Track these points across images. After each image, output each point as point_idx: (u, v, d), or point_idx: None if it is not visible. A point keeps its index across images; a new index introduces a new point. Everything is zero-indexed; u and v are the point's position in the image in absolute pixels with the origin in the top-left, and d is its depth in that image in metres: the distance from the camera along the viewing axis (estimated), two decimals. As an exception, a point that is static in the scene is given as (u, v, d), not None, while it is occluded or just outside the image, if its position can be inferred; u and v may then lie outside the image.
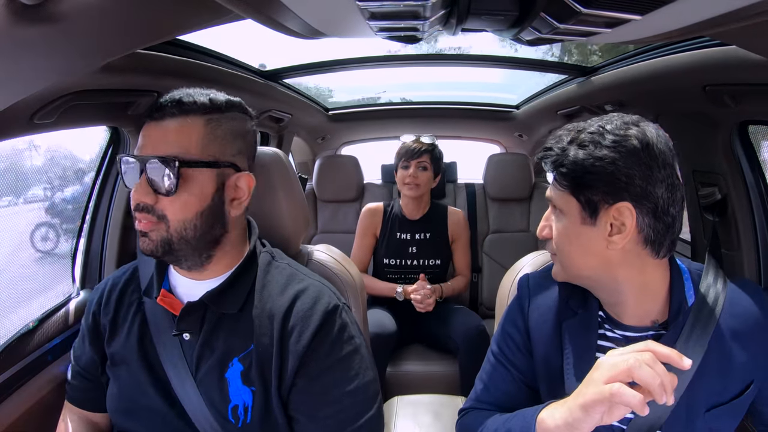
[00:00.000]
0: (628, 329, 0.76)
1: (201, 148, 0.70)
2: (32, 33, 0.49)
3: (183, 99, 0.71)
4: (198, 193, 0.70)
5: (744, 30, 0.54)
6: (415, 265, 1.88)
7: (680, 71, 1.03)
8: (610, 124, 0.69)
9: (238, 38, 1.23)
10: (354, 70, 1.88)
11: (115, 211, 1.23)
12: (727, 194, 1.14)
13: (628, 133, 0.67)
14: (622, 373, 0.58)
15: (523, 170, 2.37)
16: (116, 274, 0.86)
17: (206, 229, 0.71)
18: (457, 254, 1.96)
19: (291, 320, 0.72)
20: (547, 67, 1.76)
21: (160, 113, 0.70)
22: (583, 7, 0.45)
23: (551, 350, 0.80)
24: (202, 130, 0.71)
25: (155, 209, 0.69)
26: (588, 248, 0.71)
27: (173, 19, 0.62)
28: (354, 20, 0.57)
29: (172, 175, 0.67)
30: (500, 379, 0.85)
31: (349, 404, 0.71)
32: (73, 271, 1.24)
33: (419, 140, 1.88)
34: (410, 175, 1.83)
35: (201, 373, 0.73)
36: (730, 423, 0.73)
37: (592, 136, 0.68)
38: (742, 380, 0.71)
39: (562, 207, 0.72)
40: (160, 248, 0.70)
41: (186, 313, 0.73)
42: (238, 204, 0.75)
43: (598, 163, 0.66)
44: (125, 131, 1.20)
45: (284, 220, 0.97)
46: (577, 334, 0.78)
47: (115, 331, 0.79)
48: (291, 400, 0.72)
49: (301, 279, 0.78)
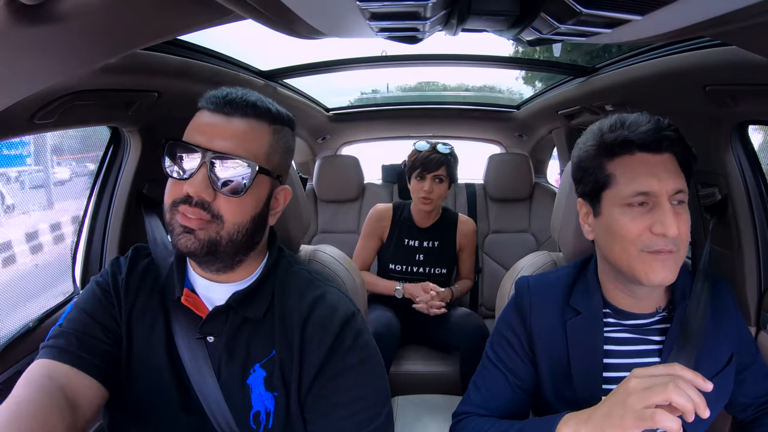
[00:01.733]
0: (635, 317, 0.80)
1: (267, 156, 0.70)
2: (32, 33, 0.49)
3: (257, 102, 0.69)
4: (256, 199, 0.70)
5: (744, 30, 0.54)
6: (421, 272, 1.85)
7: (680, 71, 1.03)
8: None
9: (239, 39, 1.22)
10: (354, 70, 1.88)
11: (115, 210, 1.23)
12: (727, 194, 1.14)
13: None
14: (660, 398, 0.59)
15: (523, 170, 2.37)
16: (136, 252, 0.80)
17: (252, 235, 0.71)
18: (463, 260, 1.94)
19: (310, 328, 0.72)
20: (547, 67, 1.76)
21: (230, 108, 0.68)
22: (583, 7, 0.45)
23: (556, 352, 0.80)
24: (270, 139, 0.71)
25: (211, 207, 0.66)
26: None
27: (173, 19, 0.62)
28: (354, 20, 0.57)
29: (248, 178, 0.66)
30: (495, 384, 0.84)
31: (361, 408, 0.71)
32: (73, 270, 1.24)
33: (435, 149, 1.78)
34: (425, 190, 1.76)
35: (223, 377, 0.72)
36: (725, 394, 0.80)
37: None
38: (727, 350, 0.80)
39: (686, 196, 0.73)
40: (204, 248, 0.67)
41: (212, 316, 0.72)
42: (275, 214, 0.76)
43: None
44: (125, 131, 1.20)
45: (285, 221, 0.97)
46: (582, 333, 0.79)
47: (135, 321, 0.74)
48: (306, 402, 0.72)
49: (318, 285, 0.78)
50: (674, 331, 0.77)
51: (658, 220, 0.69)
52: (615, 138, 0.73)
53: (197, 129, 0.68)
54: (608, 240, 0.76)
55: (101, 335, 0.72)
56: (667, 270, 0.71)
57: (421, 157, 1.77)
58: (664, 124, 0.73)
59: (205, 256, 0.68)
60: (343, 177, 2.41)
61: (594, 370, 0.78)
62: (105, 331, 0.72)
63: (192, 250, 0.67)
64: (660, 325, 0.80)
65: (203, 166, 0.65)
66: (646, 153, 0.72)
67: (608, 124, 0.75)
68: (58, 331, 0.71)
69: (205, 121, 0.68)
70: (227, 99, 0.68)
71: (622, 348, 0.80)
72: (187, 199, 0.66)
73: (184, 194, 0.65)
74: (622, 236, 0.72)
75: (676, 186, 0.71)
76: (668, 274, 0.71)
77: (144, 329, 0.74)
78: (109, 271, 0.77)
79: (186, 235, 0.66)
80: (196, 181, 0.65)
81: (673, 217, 0.69)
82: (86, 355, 0.69)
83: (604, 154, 0.74)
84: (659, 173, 0.70)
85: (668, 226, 0.68)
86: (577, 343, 0.79)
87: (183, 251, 0.68)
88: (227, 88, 0.70)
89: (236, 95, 0.69)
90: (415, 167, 1.78)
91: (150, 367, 0.73)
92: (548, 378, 0.81)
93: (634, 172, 0.71)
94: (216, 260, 0.70)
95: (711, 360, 0.78)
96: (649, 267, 0.71)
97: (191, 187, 0.64)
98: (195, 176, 0.65)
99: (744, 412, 0.87)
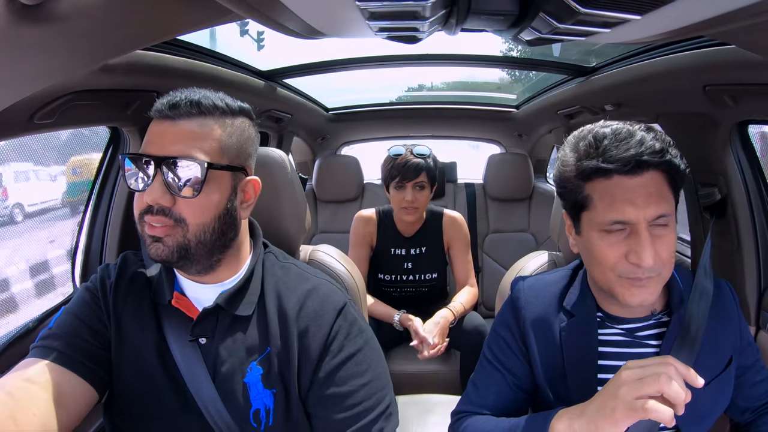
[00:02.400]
0: (628, 322, 0.79)
1: (220, 151, 0.70)
2: (32, 33, 0.49)
3: (201, 100, 0.69)
4: (217, 196, 0.69)
5: (744, 30, 0.54)
6: (411, 280, 1.80)
7: (680, 71, 1.03)
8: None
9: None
10: (354, 70, 1.88)
11: (115, 210, 1.23)
12: (727, 194, 1.14)
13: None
14: (652, 389, 0.59)
15: (523, 170, 2.37)
16: (126, 259, 0.80)
17: (222, 232, 0.71)
18: (456, 263, 1.79)
19: (304, 320, 0.73)
20: (547, 67, 1.76)
21: (175, 112, 0.68)
22: (583, 7, 0.45)
23: (551, 353, 0.81)
24: (220, 133, 0.70)
25: (172, 212, 0.66)
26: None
27: (173, 19, 0.62)
28: (354, 20, 0.57)
29: (200, 177, 0.66)
30: (494, 383, 0.85)
31: (364, 396, 0.72)
32: (73, 270, 1.24)
33: (412, 152, 1.65)
34: (407, 200, 1.63)
35: (219, 377, 0.72)
36: (724, 397, 0.79)
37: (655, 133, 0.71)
38: (726, 353, 0.79)
39: (671, 217, 0.70)
40: (175, 254, 0.67)
41: (201, 317, 0.73)
42: (246, 207, 0.75)
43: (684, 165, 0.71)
44: (125, 131, 1.20)
45: (285, 221, 0.97)
46: (576, 335, 0.79)
47: (126, 326, 0.74)
48: (309, 396, 0.73)
49: (308, 278, 0.79)
50: (672, 334, 0.77)
51: (633, 249, 0.67)
52: (589, 167, 0.70)
53: (148, 140, 0.69)
54: (588, 261, 0.75)
55: (89, 337, 0.72)
56: (646, 293, 0.70)
57: (398, 165, 1.63)
58: (647, 143, 0.67)
59: (178, 261, 0.69)
60: (342, 177, 2.41)
61: (588, 371, 0.78)
62: (93, 334, 0.73)
63: (164, 258, 0.68)
64: (655, 330, 0.79)
65: (158, 174, 0.66)
66: (623, 176, 0.68)
67: (584, 146, 0.71)
68: (47, 333, 0.72)
69: (154, 130, 0.69)
70: (170, 103, 0.68)
71: (617, 350, 0.80)
72: (149, 209, 0.67)
73: (146, 204, 0.67)
74: (599, 261, 0.71)
75: (657, 211, 0.67)
76: (648, 296, 0.70)
77: (135, 333, 0.74)
78: (98, 277, 0.78)
79: (155, 245, 0.67)
80: (153, 189, 0.65)
81: (649, 247, 0.66)
82: (74, 354, 0.69)
83: (581, 177, 0.71)
84: (637, 199, 0.67)
85: (643, 258, 0.66)
86: (571, 344, 0.79)
87: (156, 260, 0.69)
88: (173, 93, 0.71)
89: (179, 98, 0.69)
90: (393, 176, 1.65)
91: (143, 371, 0.73)
92: (544, 377, 0.81)
93: (612, 198, 0.68)
94: (192, 264, 0.70)
95: (710, 362, 0.78)
96: (627, 291, 0.70)
97: (149, 196, 0.66)
98: (152, 185, 0.66)
99: (742, 415, 0.87)
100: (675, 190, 0.71)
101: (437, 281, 1.83)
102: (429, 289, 1.83)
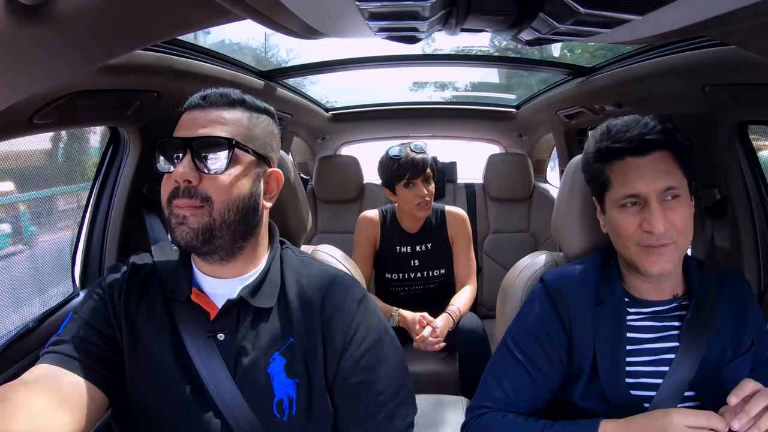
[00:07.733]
0: (654, 305, 0.85)
1: (245, 136, 0.74)
2: (32, 33, 0.49)
3: (231, 94, 0.75)
4: (242, 179, 0.72)
5: (744, 30, 0.54)
6: (419, 277, 1.80)
7: (680, 71, 1.03)
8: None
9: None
10: (354, 70, 1.88)
11: (115, 210, 1.23)
12: (727, 194, 1.14)
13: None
14: None
15: (523, 170, 2.37)
16: (135, 261, 0.81)
17: (245, 215, 0.72)
18: (458, 259, 1.79)
19: (328, 309, 0.75)
20: (547, 67, 1.76)
21: (206, 102, 0.73)
22: (583, 7, 0.45)
23: (585, 340, 0.83)
24: (247, 122, 0.75)
25: (198, 191, 0.68)
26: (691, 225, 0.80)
27: (173, 19, 0.62)
28: (354, 20, 0.57)
29: (227, 153, 0.69)
30: (518, 380, 0.85)
31: (389, 382, 0.75)
32: (73, 271, 1.24)
33: (412, 149, 1.68)
34: (421, 195, 1.65)
35: (240, 371, 0.72)
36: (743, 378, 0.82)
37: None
38: (749, 335, 0.83)
39: (681, 190, 0.78)
40: (200, 236, 0.68)
41: (222, 312, 0.73)
42: (269, 198, 0.78)
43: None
44: (125, 131, 1.20)
45: (285, 220, 0.97)
46: (607, 321, 0.83)
47: (140, 328, 0.74)
48: (336, 385, 0.74)
49: (328, 269, 0.81)
50: (693, 314, 0.82)
51: (647, 218, 0.77)
52: (603, 148, 0.81)
53: (180, 126, 0.73)
54: (614, 237, 0.84)
55: (99, 342, 0.72)
56: (664, 261, 0.77)
57: (405, 164, 1.65)
58: (650, 126, 0.78)
59: (203, 245, 0.70)
60: (342, 177, 2.41)
61: (617, 358, 0.81)
62: (103, 338, 0.73)
63: (188, 241, 0.69)
64: (678, 312, 0.84)
65: (187, 153, 0.69)
66: (634, 157, 0.78)
67: (598, 133, 0.84)
68: (57, 339, 0.72)
69: (185, 118, 0.74)
70: (203, 96, 0.74)
71: (643, 335, 0.83)
72: (176, 191, 0.69)
73: (173, 186, 0.69)
74: (621, 234, 0.80)
75: (666, 184, 0.76)
76: (665, 264, 0.77)
77: (149, 334, 0.74)
78: (106, 280, 0.78)
79: (180, 227, 0.69)
80: (181, 166, 0.68)
81: (659, 215, 0.75)
82: (85, 360, 0.69)
83: (600, 161, 0.82)
84: (646, 175, 0.77)
85: (654, 224, 0.75)
86: (602, 331, 0.82)
87: (181, 244, 0.69)
88: (203, 90, 0.75)
89: (212, 91, 0.75)
90: (401, 176, 1.66)
91: (159, 371, 0.73)
92: (579, 370, 0.83)
93: (625, 176, 0.79)
94: (216, 249, 0.71)
95: (735, 342, 0.82)
96: (646, 260, 0.78)
97: (177, 174, 0.68)
98: (180, 162, 0.68)
99: None
100: (684, 169, 0.79)
101: (445, 277, 1.82)
102: (437, 286, 1.82)
